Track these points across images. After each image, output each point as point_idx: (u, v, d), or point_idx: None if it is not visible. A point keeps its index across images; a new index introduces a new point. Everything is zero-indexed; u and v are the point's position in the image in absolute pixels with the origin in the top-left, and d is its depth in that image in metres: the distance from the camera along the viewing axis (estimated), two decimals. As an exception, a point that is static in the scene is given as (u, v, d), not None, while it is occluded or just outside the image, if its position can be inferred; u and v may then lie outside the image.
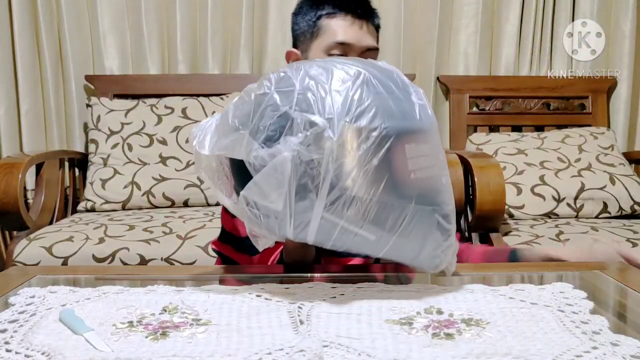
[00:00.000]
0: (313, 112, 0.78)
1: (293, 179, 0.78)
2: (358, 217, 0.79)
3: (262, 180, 0.80)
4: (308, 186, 0.78)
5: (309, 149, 0.77)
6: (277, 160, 0.78)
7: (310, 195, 0.79)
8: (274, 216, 0.81)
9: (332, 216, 0.79)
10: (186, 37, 2.53)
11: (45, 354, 0.67)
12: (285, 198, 0.79)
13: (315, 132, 0.77)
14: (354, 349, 0.68)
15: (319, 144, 0.77)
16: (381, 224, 0.80)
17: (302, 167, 0.78)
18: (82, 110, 2.52)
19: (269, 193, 0.80)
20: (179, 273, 1.09)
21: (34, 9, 2.43)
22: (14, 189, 1.80)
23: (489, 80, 2.59)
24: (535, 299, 0.83)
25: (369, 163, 0.77)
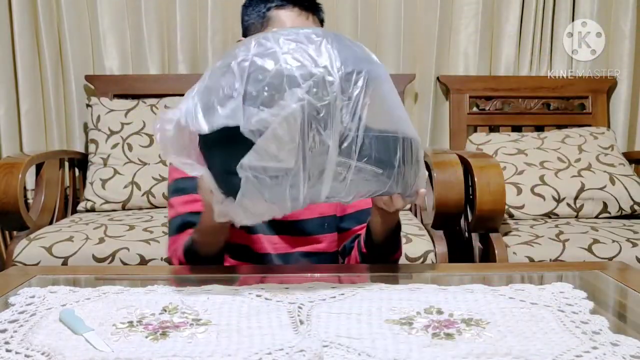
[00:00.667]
0: (305, 66, 0.82)
1: (307, 129, 0.82)
2: (366, 153, 0.85)
3: (269, 141, 0.81)
4: (319, 133, 0.82)
5: (317, 95, 0.81)
6: (286, 114, 0.81)
7: (322, 139, 0.82)
8: (283, 177, 0.83)
9: (345, 159, 0.84)
10: (186, 37, 2.53)
11: (45, 354, 0.67)
12: (297, 152, 0.82)
13: (318, 78, 0.82)
14: (354, 349, 0.68)
15: (324, 90, 0.82)
16: (385, 157, 0.87)
17: (312, 115, 0.81)
18: (82, 110, 2.52)
19: (278, 152, 0.82)
20: (178, 273, 1.09)
21: (34, 9, 2.43)
22: (14, 189, 1.79)
23: (489, 80, 2.59)
24: (535, 299, 0.83)
25: (364, 103, 0.84)
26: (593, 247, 1.76)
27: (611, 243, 1.79)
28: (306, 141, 0.82)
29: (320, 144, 0.82)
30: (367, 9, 2.54)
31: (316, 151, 0.82)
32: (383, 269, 1.08)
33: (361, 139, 0.84)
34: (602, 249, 1.76)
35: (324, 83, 0.82)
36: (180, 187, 1.19)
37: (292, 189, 0.84)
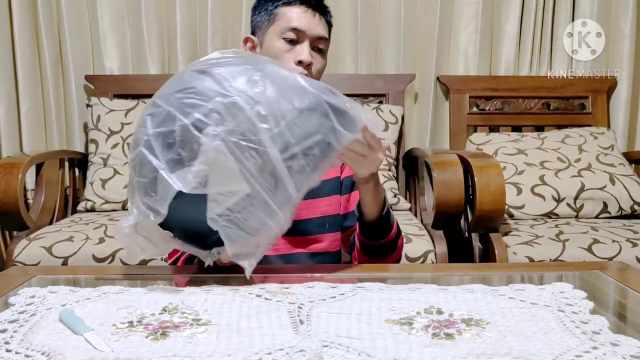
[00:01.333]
0: (202, 105, 0.85)
1: (239, 152, 0.84)
2: (300, 134, 0.87)
3: (214, 185, 0.84)
4: (251, 148, 0.84)
5: (228, 121, 0.84)
6: (213, 156, 0.83)
7: (258, 151, 0.84)
8: (251, 205, 0.85)
9: (286, 152, 0.86)
10: (186, 37, 2.53)
11: (45, 354, 0.67)
12: (242, 176, 0.84)
13: (220, 107, 0.84)
14: (354, 349, 0.68)
15: (234, 113, 0.84)
16: (314, 125, 0.89)
17: (235, 138, 0.83)
18: (82, 110, 2.52)
19: (229, 188, 0.84)
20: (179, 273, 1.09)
21: (34, 9, 2.43)
22: (14, 189, 1.80)
23: (489, 80, 2.59)
24: (535, 299, 0.83)
25: (270, 99, 0.86)
26: (593, 247, 1.76)
27: (611, 243, 1.79)
28: (245, 162, 0.84)
29: (260, 156, 0.84)
30: (367, 9, 2.54)
31: (261, 163, 0.85)
32: (383, 269, 1.08)
33: (287, 128, 0.86)
34: (602, 249, 1.76)
35: (233, 107, 0.84)
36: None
37: (265, 209, 0.86)
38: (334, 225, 1.25)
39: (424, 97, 2.61)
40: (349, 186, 1.28)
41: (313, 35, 1.19)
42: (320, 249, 1.23)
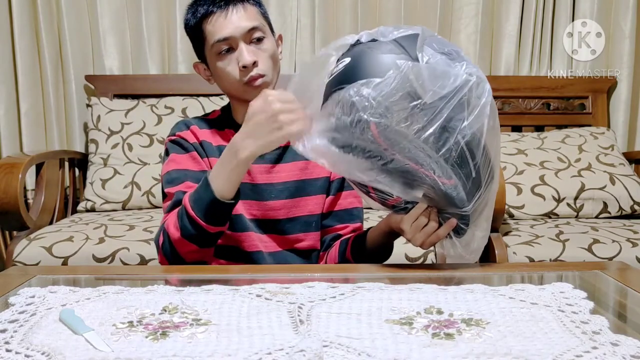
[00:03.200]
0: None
1: (460, 94, 0.89)
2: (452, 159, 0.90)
3: (432, 74, 0.88)
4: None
5: (477, 87, 0.92)
6: (456, 74, 0.90)
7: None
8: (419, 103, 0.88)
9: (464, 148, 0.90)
10: (186, 37, 2.48)
11: (45, 354, 0.67)
12: (440, 97, 0.88)
13: (482, 78, 0.94)
14: (354, 349, 0.68)
15: (482, 88, 0.93)
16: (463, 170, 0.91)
17: (467, 92, 0.90)
18: (82, 110, 2.52)
19: (430, 86, 0.88)
20: (178, 273, 1.09)
21: (34, 9, 2.43)
22: (14, 189, 1.80)
23: (489, 80, 2.56)
24: (535, 299, 0.83)
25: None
26: (593, 247, 1.76)
27: (611, 243, 1.79)
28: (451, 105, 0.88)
29: (455, 119, 0.88)
30: (367, 9, 2.54)
31: (452, 117, 0.88)
32: (383, 269, 1.08)
33: (476, 140, 0.89)
34: (602, 249, 1.76)
35: (485, 86, 0.93)
36: (174, 176, 1.18)
37: (417, 117, 0.88)
38: (318, 225, 1.25)
39: (424, 97, 2.60)
40: (337, 188, 1.26)
41: (241, 34, 1.15)
42: (306, 247, 1.23)
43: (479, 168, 0.91)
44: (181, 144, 1.21)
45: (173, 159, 1.20)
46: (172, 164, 1.19)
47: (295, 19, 2.55)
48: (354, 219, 1.26)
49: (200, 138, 1.22)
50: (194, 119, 1.27)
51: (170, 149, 1.22)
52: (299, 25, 2.55)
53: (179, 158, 1.20)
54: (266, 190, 1.20)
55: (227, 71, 1.17)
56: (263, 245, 1.20)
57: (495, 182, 0.97)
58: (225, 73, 1.17)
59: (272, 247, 1.21)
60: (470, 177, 0.91)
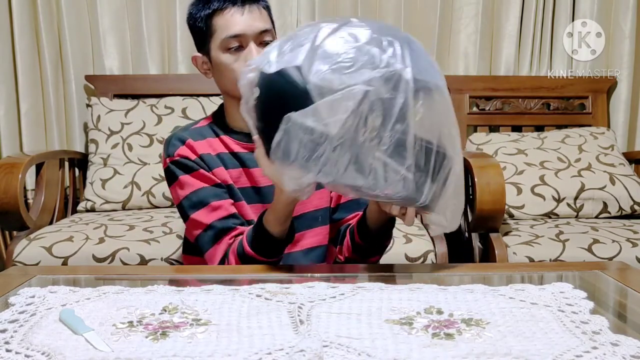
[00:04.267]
0: (385, 56, 0.87)
1: (366, 112, 0.86)
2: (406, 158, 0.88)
3: (326, 105, 0.85)
4: (373, 122, 0.86)
5: (386, 86, 0.85)
6: (351, 90, 0.85)
7: (375, 128, 0.86)
8: (320, 145, 0.86)
9: (383, 154, 0.87)
10: (186, 37, 2.52)
11: (45, 354, 0.67)
12: (343, 126, 0.85)
13: (394, 72, 0.86)
14: (354, 349, 0.68)
15: (394, 85, 0.86)
16: (420, 164, 0.90)
17: (371, 103, 0.85)
18: (82, 110, 2.52)
19: (327, 117, 0.85)
20: (179, 273, 1.09)
21: (34, 9, 2.43)
22: (14, 189, 1.79)
23: (489, 80, 2.58)
24: (535, 299, 0.83)
25: (418, 110, 0.87)
26: (593, 247, 1.76)
27: (611, 243, 1.79)
28: (359, 123, 0.85)
29: (370, 132, 0.86)
30: (367, 9, 2.54)
31: (365, 137, 0.86)
32: (383, 269, 1.08)
33: (402, 141, 0.87)
34: (602, 249, 1.76)
35: (398, 79, 0.86)
36: (195, 200, 1.17)
37: (328, 161, 0.87)
38: (325, 218, 1.24)
39: (424, 97, 2.60)
40: None
41: (254, 33, 1.16)
42: (312, 244, 1.23)
43: (418, 163, 0.90)
44: (184, 164, 1.20)
45: (184, 182, 1.19)
46: (187, 187, 1.18)
47: (295, 19, 2.55)
48: (362, 207, 1.25)
49: (199, 152, 1.21)
50: (185, 131, 1.25)
51: (175, 171, 1.20)
52: (299, 25, 2.56)
53: (189, 180, 1.19)
54: (269, 192, 1.20)
55: (231, 68, 1.17)
56: None
57: (452, 160, 0.95)
58: (230, 69, 1.17)
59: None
60: (409, 177, 0.90)
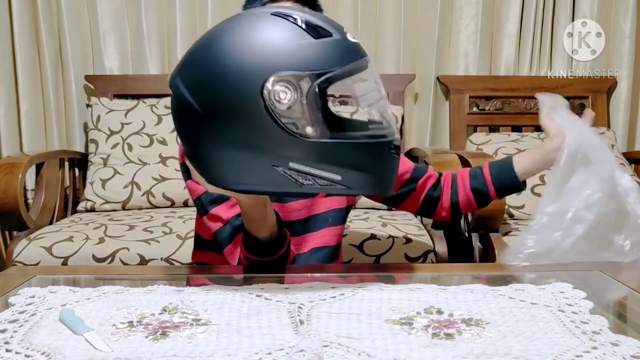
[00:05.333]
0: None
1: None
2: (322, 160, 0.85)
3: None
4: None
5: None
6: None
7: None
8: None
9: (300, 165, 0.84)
10: (186, 37, 2.52)
11: (45, 354, 0.67)
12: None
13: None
14: (354, 349, 0.68)
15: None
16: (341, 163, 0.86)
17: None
18: (82, 110, 2.52)
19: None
20: (179, 273, 1.09)
21: (34, 9, 2.43)
22: (14, 189, 1.80)
23: (489, 80, 2.59)
24: (535, 299, 0.83)
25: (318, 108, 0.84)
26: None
27: (611, 243, 1.78)
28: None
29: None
30: (367, 9, 2.54)
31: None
32: (383, 269, 1.08)
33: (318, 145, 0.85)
34: (602, 249, 1.76)
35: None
36: (216, 195, 1.13)
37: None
38: (337, 219, 1.23)
39: (424, 97, 2.61)
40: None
41: None
42: (318, 244, 1.22)
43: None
44: None
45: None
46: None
47: (295, 18, 2.55)
48: (424, 169, 1.26)
49: None
50: None
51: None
52: None
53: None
54: (298, 226, 1.19)
55: None
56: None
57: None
58: None
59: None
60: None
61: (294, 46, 0.84)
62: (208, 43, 0.88)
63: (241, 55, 0.84)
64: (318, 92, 0.83)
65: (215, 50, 0.86)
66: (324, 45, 0.85)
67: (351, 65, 0.87)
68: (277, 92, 0.82)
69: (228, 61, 0.84)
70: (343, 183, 0.86)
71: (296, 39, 0.84)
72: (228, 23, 0.90)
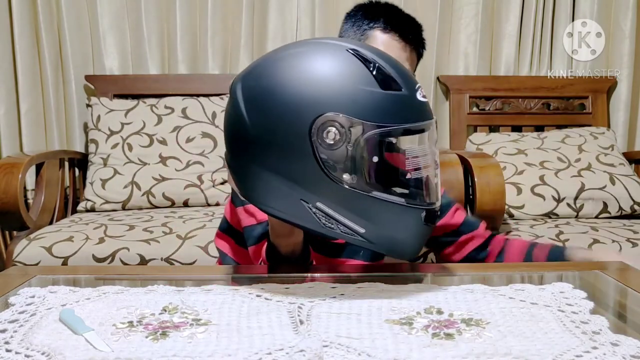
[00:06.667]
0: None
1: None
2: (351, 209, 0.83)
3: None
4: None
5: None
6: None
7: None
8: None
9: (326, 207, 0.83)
10: (186, 37, 2.53)
11: (45, 354, 0.67)
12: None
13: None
14: (354, 349, 0.68)
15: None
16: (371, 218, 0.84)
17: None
18: (82, 110, 2.52)
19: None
20: (179, 273, 1.09)
21: (34, 9, 2.43)
22: (14, 189, 1.80)
23: (489, 80, 2.59)
24: (535, 299, 0.83)
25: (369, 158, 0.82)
26: (593, 247, 1.76)
27: (611, 243, 1.79)
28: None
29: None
30: (367, 9, 2.54)
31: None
32: (383, 269, 1.08)
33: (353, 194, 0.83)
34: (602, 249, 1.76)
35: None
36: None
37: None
38: (367, 255, 1.17)
39: (424, 97, 2.60)
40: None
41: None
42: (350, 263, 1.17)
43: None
44: None
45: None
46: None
47: (295, 18, 2.55)
48: (472, 226, 1.25)
49: None
50: None
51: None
52: (299, 25, 2.55)
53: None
54: (336, 247, 1.16)
55: None
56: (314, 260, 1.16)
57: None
58: None
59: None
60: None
61: (357, 90, 0.81)
62: (276, 60, 0.86)
63: (303, 84, 0.82)
64: (367, 143, 0.81)
65: (279, 70, 0.84)
66: (388, 98, 0.82)
67: (409, 126, 0.84)
68: (326, 131, 0.80)
69: (289, 86, 0.82)
70: (365, 237, 0.84)
71: (362, 84, 0.81)
72: (302, 46, 0.88)
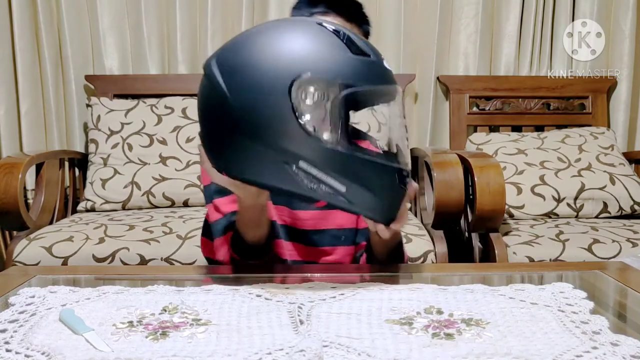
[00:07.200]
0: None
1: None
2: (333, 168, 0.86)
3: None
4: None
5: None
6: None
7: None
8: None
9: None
10: (186, 37, 2.52)
11: (45, 354, 0.67)
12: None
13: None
14: (354, 349, 0.68)
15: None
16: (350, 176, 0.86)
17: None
18: (82, 110, 2.52)
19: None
20: (179, 273, 1.09)
21: (34, 9, 2.43)
22: (14, 189, 1.79)
23: (489, 80, 2.59)
24: (535, 299, 0.83)
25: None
26: (593, 247, 1.76)
27: (611, 243, 1.79)
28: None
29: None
30: (368, 9, 2.52)
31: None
32: (383, 269, 1.08)
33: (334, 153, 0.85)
34: (602, 249, 1.76)
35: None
36: (219, 188, 1.13)
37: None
38: (349, 239, 1.22)
39: (424, 97, 2.61)
40: None
41: None
42: (332, 261, 1.20)
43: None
44: None
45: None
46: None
47: (295, 18, 2.55)
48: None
49: None
50: None
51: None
52: None
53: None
54: (312, 235, 1.18)
55: None
56: (288, 253, 1.18)
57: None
58: None
59: (295, 256, 1.19)
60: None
61: (331, 55, 0.86)
62: (251, 35, 0.90)
63: (280, 51, 0.86)
64: (343, 102, 0.85)
65: (255, 42, 0.88)
66: (359, 62, 0.87)
67: (381, 88, 0.89)
68: (305, 92, 0.84)
69: (266, 53, 0.86)
70: (346, 196, 0.87)
71: (335, 49, 0.86)
72: (275, 22, 0.93)
